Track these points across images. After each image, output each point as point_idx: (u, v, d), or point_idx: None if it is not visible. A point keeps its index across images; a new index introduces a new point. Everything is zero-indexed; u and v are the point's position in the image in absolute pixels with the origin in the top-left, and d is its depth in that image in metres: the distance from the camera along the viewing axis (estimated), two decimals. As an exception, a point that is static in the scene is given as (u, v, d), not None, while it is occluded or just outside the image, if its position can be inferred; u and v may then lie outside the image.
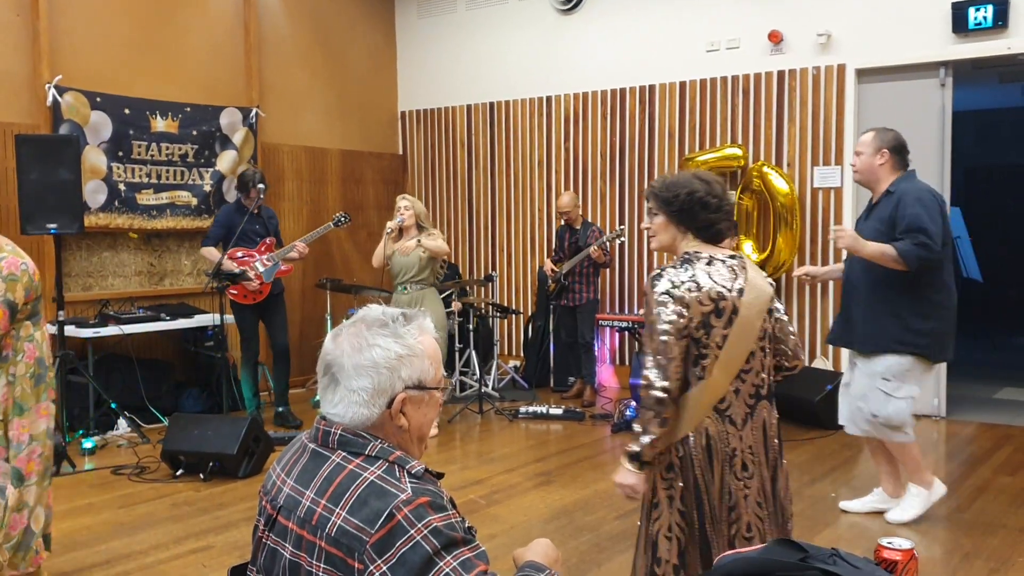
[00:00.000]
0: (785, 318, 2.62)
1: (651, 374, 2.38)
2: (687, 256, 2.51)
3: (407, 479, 1.55)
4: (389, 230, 6.17)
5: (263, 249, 6.45)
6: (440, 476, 1.67)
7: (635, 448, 2.41)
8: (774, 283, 2.60)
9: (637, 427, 2.43)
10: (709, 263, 2.48)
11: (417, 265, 6.06)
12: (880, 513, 4.43)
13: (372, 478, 1.54)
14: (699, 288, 2.42)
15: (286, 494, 1.63)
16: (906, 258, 3.98)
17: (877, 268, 4.11)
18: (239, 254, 6.36)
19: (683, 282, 2.43)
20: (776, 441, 2.55)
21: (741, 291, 2.46)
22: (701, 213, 2.51)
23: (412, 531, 1.47)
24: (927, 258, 3.99)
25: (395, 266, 6.15)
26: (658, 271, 2.50)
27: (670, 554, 2.46)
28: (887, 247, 4.02)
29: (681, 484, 2.45)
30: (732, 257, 2.53)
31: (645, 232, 2.78)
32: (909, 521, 4.30)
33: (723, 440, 2.44)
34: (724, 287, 2.44)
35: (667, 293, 2.42)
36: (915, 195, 4.08)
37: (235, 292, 6.36)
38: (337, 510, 1.52)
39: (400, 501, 1.50)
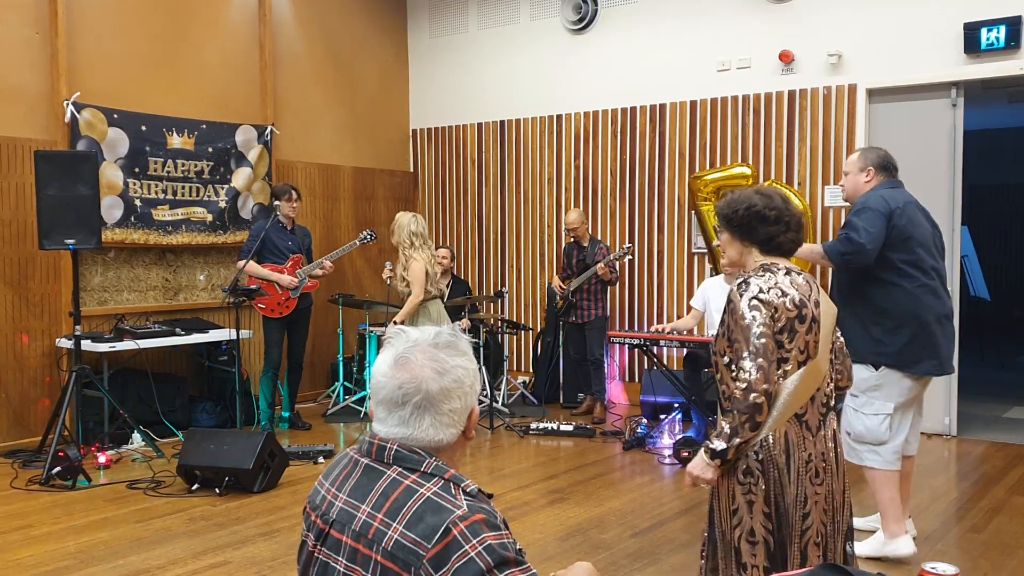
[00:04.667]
0: (843, 340, 2.67)
1: (753, 376, 2.34)
2: (766, 266, 2.54)
3: (463, 496, 1.58)
4: (388, 278, 6.59)
5: (291, 265, 6.64)
6: (491, 496, 1.68)
7: (721, 446, 2.38)
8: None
9: (726, 426, 2.38)
10: (787, 274, 2.51)
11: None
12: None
13: (428, 494, 1.57)
14: (784, 294, 2.45)
15: (339, 508, 1.65)
16: (828, 254, 3.89)
17: (842, 273, 4.01)
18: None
19: (770, 288, 2.45)
20: (839, 452, 2.54)
21: (817, 303, 2.49)
22: (760, 227, 2.54)
23: (467, 547, 1.49)
24: (848, 253, 3.81)
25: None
26: (742, 279, 2.51)
27: (756, 559, 2.44)
28: (815, 245, 3.96)
29: (763, 487, 2.41)
30: (802, 272, 2.56)
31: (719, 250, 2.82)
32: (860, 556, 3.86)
33: (800, 445, 2.43)
34: (804, 296, 2.47)
35: (756, 298, 2.43)
36: (866, 199, 3.91)
37: (263, 306, 6.61)
38: (394, 524, 1.55)
39: (456, 516, 1.52)
